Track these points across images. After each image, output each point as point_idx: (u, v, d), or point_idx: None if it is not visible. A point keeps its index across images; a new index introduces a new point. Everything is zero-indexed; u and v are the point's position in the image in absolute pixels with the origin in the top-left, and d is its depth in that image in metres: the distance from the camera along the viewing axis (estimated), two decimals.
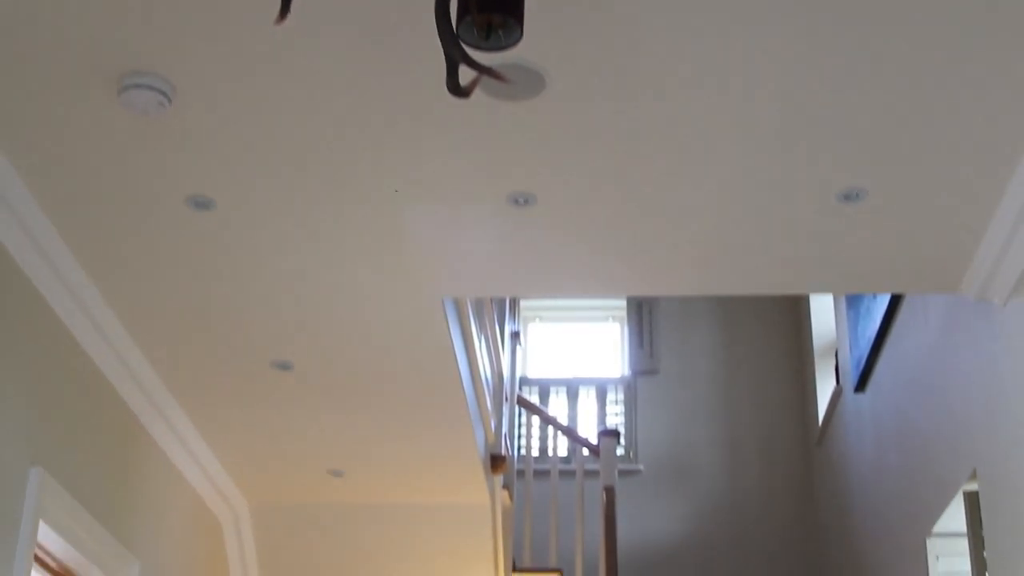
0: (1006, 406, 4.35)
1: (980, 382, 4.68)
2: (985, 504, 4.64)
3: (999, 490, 4.47)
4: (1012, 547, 4.33)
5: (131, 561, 5.19)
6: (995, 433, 4.50)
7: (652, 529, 8.97)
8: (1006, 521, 4.39)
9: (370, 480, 6.13)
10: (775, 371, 9.40)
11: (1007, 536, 4.39)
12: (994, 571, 4.55)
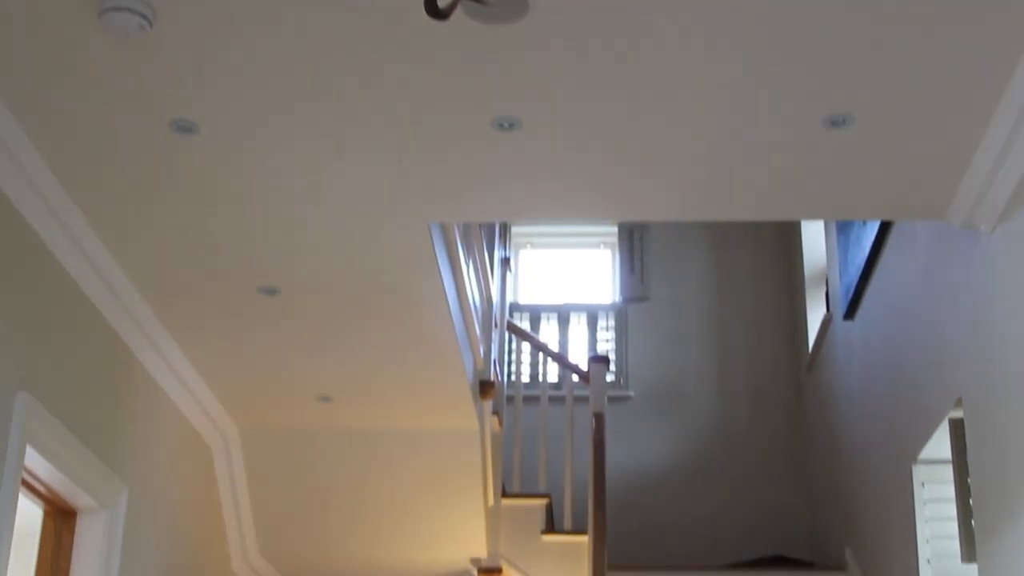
0: (991, 334, 4.36)
1: (966, 310, 4.68)
2: (970, 432, 4.66)
3: (983, 418, 4.49)
4: (995, 474, 4.35)
5: (119, 486, 5.22)
6: (980, 361, 4.51)
7: (642, 455, 9.02)
8: (990, 448, 4.41)
9: (359, 405, 6.15)
10: (766, 298, 9.41)
11: (991, 463, 4.41)
12: (978, 498, 4.57)
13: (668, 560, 8.48)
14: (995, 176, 3.95)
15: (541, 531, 7.08)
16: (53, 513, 5.03)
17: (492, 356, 6.82)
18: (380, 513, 6.83)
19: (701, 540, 8.72)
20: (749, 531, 8.71)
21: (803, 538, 8.61)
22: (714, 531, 8.75)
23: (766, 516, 8.77)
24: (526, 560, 6.99)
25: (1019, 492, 4.11)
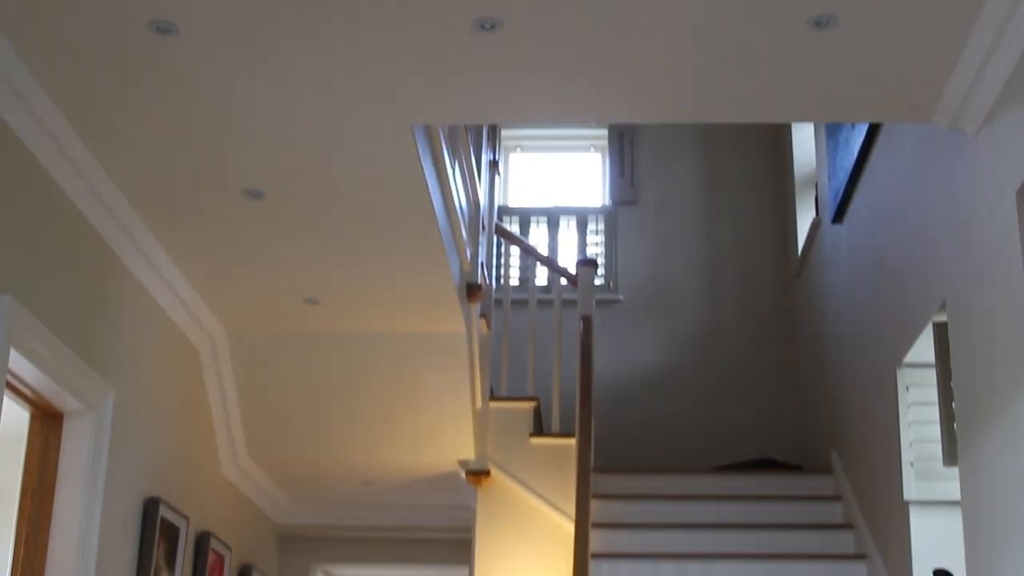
0: (975, 238, 4.36)
1: (951, 214, 4.67)
2: (953, 335, 4.67)
3: (967, 322, 4.50)
4: (978, 378, 4.37)
5: (106, 389, 5.23)
6: (964, 265, 4.51)
7: (631, 358, 9.05)
8: (973, 352, 4.43)
9: (346, 308, 6.16)
10: (756, 202, 9.39)
11: (973, 367, 4.42)
12: (960, 401, 4.60)
13: (656, 464, 8.55)
14: (980, 78, 3.92)
15: (529, 434, 7.12)
16: (40, 416, 5.05)
17: (480, 259, 6.81)
18: (368, 416, 6.87)
19: (689, 444, 8.78)
20: (737, 435, 8.77)
21: (791, 441, 8.67)
22: (702, 435, 8.81)
23: (754, 420, 8.83)
24: (514, 463, 7.04)
25: (1001, 396, 4.13)
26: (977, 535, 4.41)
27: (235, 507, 7.34)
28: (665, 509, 6.76)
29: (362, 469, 7.46)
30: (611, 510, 6.76)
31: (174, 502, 6.14)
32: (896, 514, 5.50)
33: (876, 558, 5.91)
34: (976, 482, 4.42)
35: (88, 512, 5.10)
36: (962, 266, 4.53)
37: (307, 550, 8.65)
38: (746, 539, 6.42)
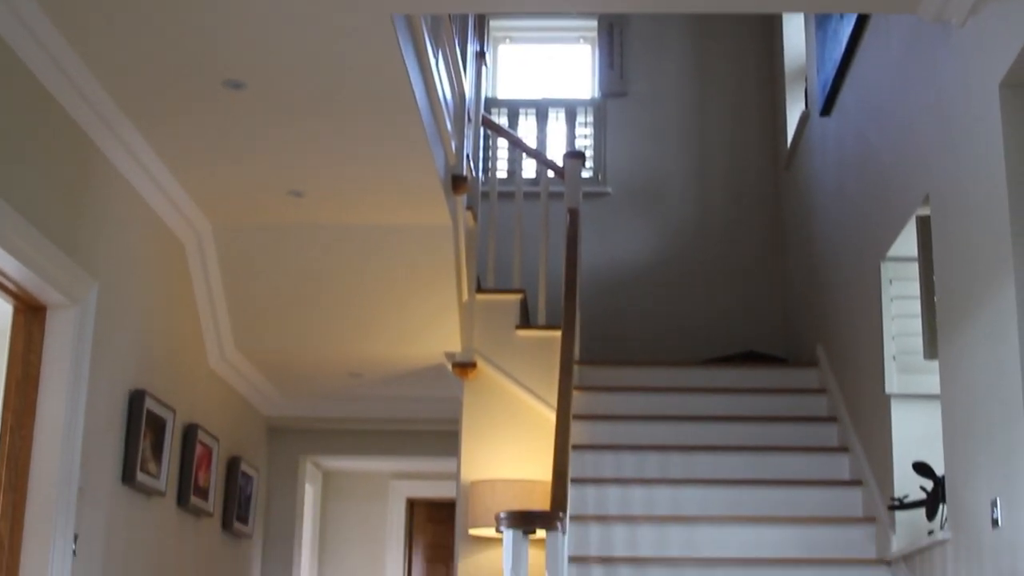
0: (959, 131, 4.33)
1: (936, 107, 4.64)
2: (936, 229, 4.66)
3: (949, 215, 4.49)
4: (959, 272, 4.37)
5: (89, 282, 5.23)
6: (948, 158, 4.49)
7: (619, 251, 9.04)
8: (954, 246, 4.43)
9: (330, 201, 6.13)
10: (746, 94, 9.32)
11: (954, 261, 4.42)
12: (941, 295, 4.60)
13: (642, 356, 8.59)
14: None
15: (515, 326, 7.13)
16: (23, 309, 5.06)
17: (465, 151, 6.77)
18: (354, 307, 6.88)
19: (676, 336, 8.81)
20: (724, 328, 8.80)
21: (778, 335, 8.70)
22: (689, 328, 8.83)
23: (742, 313, 8.85)
24: (500, 354, 7.06)
25: (981, 290, 4.13)
26: (955, 428, 4.44)
27: (223, 400, 7.37)
28: (650, 401, 6.80)
29: (349, 361, 7.49)
30: (596, 402, 6.80)
31: (160, 394, 6.16)
32: (878, 407, 5.54)
33: (858, 451, 5.96)
34: (955, 375, 4.44)
35: (72, 404, 5.12)
36: (946, 159, 4.51)
37: (296, 442, 8.72)
38: (730, 431, 6.47)
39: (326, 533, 9.94)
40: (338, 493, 10.05)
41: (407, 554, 10.02)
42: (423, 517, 10.20)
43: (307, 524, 9.58)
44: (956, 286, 4.41)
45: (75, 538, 5.16)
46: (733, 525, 5.63)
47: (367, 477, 10.06)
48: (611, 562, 5.31)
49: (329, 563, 9.88)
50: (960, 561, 4.38)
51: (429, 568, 10.11)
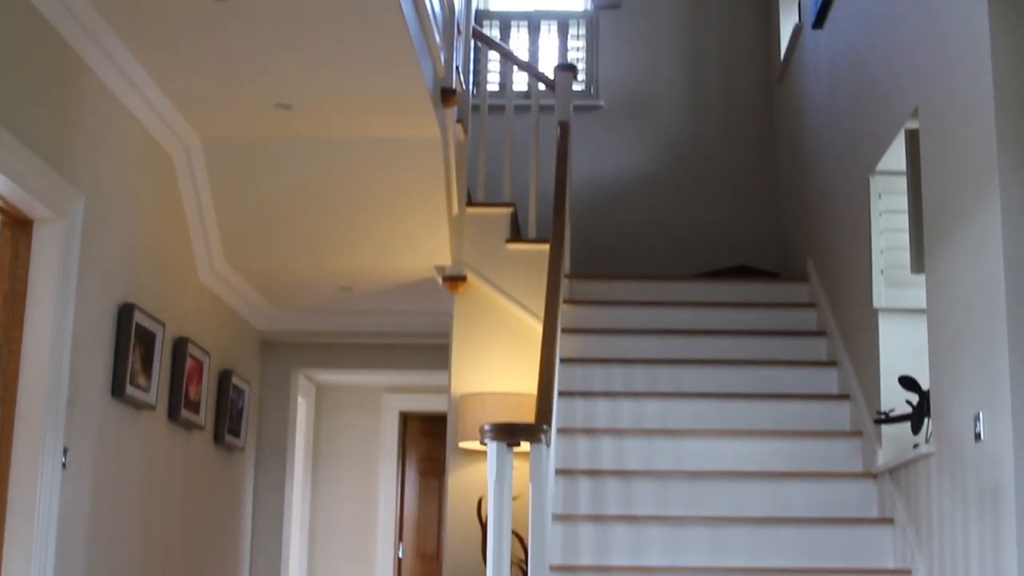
0: (948, 43, 4.29)
1: (925, 19, 4.60)
2: (924, 142, 4.64)
3: (937, 129, 4.47)
4: (946, 185, 4.36)
5: (75, 195, 5.21)
6: (937, 71, 4.45)
7: (611, 164, 9.01)
8: (942, 160, 4.41)
9: (318, 114, 6.09)
10: (740, 6, 9.22)
11: (942, 174, 4.41)
12: (929, 209, 4.59)
13: (633, 270, 8.58)
14: None
15: (505, 240, 7.12)
16: (9, 223, 5.04)
17: (456, 64, 6.71)
18: (344, 221, 6.86)
19: (667, 251, 8.80)
20: (717, 242, 8.79)
21: (770, 249, 8.69)
22: (680, 242, 8.82)
23: (734, 227, 8.83)
24: (490, 268, 7.06)
25: (968, 204, 4.12)
26: (940, 342, 4.45)
27: (213, 313, 7.38)
28: (640, 315, 6.81)
29: (340, 275, 7.49)
30: (586, 316, 6.81)
31: (149, 308, 6.16)
32: (866, 322, 5.54)
33: (847, 365, 5.98)
34: (941, 289, 4.44)
35: (60, 318, 5.13)
36: (935, 72, 4.48)
37: (288, 356, 8.74)
38: (720, 345, 6.48)
39: (319, 447, 10.00)
40: (331, 407, 10.09)
41: (400, 467, 10.09)
42: (416, 431, 10.26)
43: (300, 438, 9.64)
44: (943, 200, 4.40)
45: (64, 451, 5.19)
46: (721, 438, 5.66)
47: (360, 391, 10.10)
48: (598, 475, 5.35)
49: (322, 476, 9.95)
50: (943, 474, 4.41)
51: (422, 481, 10.18)
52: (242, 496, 8.17)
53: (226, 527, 7.78)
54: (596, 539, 5.04)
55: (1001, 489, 3.82)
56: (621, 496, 5.33)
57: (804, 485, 5.38)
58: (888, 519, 5.10)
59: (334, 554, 9.85)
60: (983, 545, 3.98)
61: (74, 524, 5.34)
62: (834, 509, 5.35)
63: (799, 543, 5.07)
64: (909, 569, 4.77)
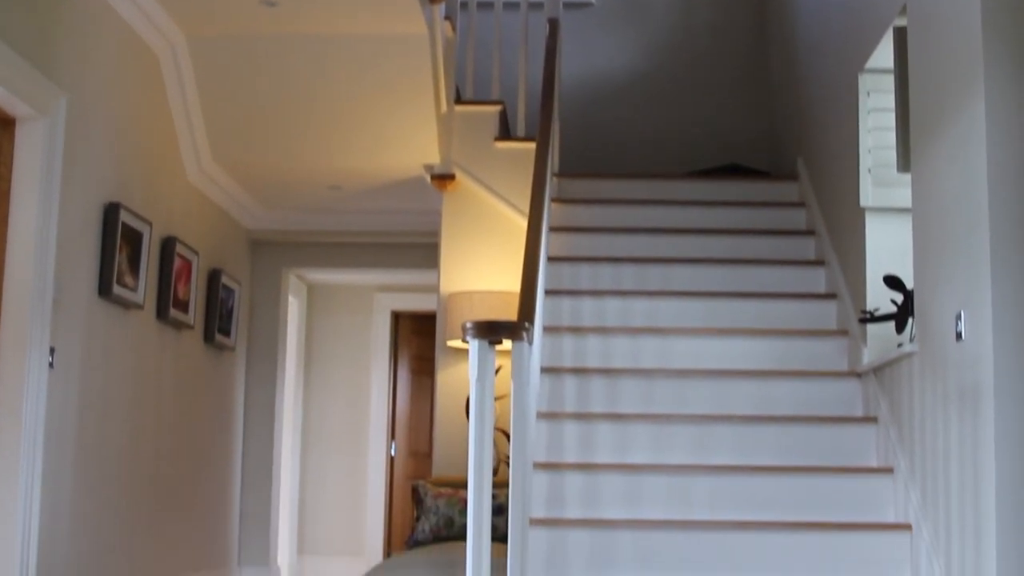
0: None
1: None
2: (912, 40, 4.59)
3: (925, 26, 4.42)
4: (932, 84, 4.32)
5: (58, 93, 5.17)
6: None
7: (603, 63, 8.92)
8: (929, 57, 4.36)
9: (304, 10, 6.02)
10: None
11: (929, 72, 4.37)
12: (915, 107, 4.56)
13: (624, 169, 8.54)
14: None
15: (494, 138, 7.08)
16: None
17: None
18: (331, 119, 6.82)
19: (658, 150, 8.75)
20: (707, 141, 8.74)
21: (761, 148, 8.64)
22: (671, 141, 8.77)
23: (725, 127, 8.78)
24: (478, 166, 7.03)
25: (954, 102, 4.09)
26: (924, 241, 4.44)
27: (202, 213, 7.36)
28: (630, 214, 6.79)
29: (329, 174, 7.45)
30: (575, 214, 6.78)
31: (136, 208, 6.14)
32: (854, 221, 5.53)
33: (834, 264, 5.97)
34: (926, 188, 4.42)
35: (44, 216, 5.11)
36: None
37: (278, 255, 8.74)
38: (709, 244, 6.47)
39: (312, 346, 10.03)
40: (323, 306, 10.11)
41: (392, 366, 10.13)
42: (408, 329, 10.29)
43: (292, 337, 9.67)
44: (929, 98, 4.37)
45: (51, 351, 5.20)
46: (708, 337, 5.66)
47: (352, 290, 10.11)
48: (584, 373, 5.36)
49: (315, 376, 9.99)
50: (925, 373, 4.43)
51: (414, 380, 10.23)
52: (233, 395, 8.22)
53: (217, 426, 7.83)
54: (581, 437, 5.07)
55: (981, 388, 3.83)
56: (606, 394, 5.35)
57: (789, 384, 5.39)
58: (872, 418, 5.12)
59: (326, 453, 9.93)
60: (963, 444, 4.01)
61: (62, 423, 5.37)
62: (819, 408, 5.37)
63: (783, 441, 5.10)
64: (891, 467, 4.81)
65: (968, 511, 3.94)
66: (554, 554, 4.50)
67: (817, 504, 4.80)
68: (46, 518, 5.20)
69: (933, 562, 4.26)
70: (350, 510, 9.88)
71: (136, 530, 6.33)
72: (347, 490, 9.91)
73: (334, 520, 9.87)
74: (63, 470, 5.39)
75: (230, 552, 8.11)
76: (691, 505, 4.78)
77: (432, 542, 5.84)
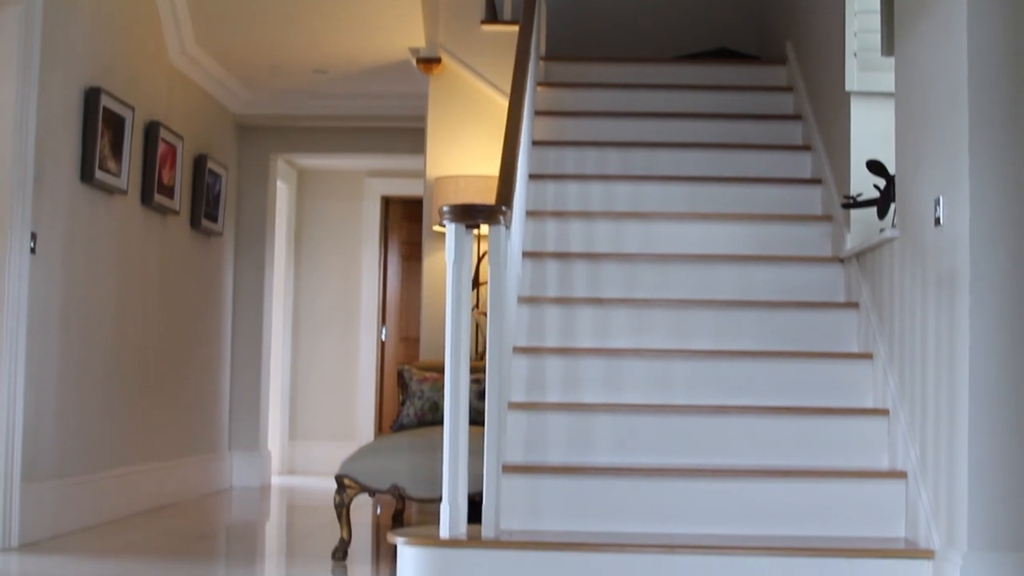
0: None
1: None
2: None
3: None
4: None
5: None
6: None
7: None
8: None
9: None
10: None
11: None
12: None
13: (614, 53, 8.46)
14: None
15: (480, 21, 7.00)
16: None
17: None
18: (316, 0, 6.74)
19: (648, 34, 8.65)
20: (697, 25, 8.63)
21: (750, 33, 8.55)
22: (662, 24, 8.66)
23: (715, 10, 8.66)
24: (465, 50, 6.96)
25: None
26: (906, 126, 4.41)
27: (187, 97, 7.30)
28: (617, 97, 6.73)
29: (314, 56, 7.38)
30: (561, 98, 6.73)
31: (118, 92, 6.09)
32: (839, 105, 5.48)
33: (820, 149, 5.94)
34: (908, 72, 4.38)
35: (23, 102, 5.08)
36: None
37: (266, 140, 8.68)
38: (696, 129, 6.43)
39: (302, 232, 10.02)
40: (313, 192, 10.08)
41: (382, 252, 10.13)
42: (398, 215, 10.27)
43: (281, 223, 9.65)
44: None
45: (33, 236, 5.19)
46: (691, 222, 5.64)
47: (342, 175, 10.07)
48: (567, 258, 5.35)
49: (305, 262, 9.99)
50: (905, 259, 4.42)
51: (404, 265, 10.23)
52: (222, 281, 8.22)
53: (206, 312, 7.85)
54: (562, 322, 5.08)
55: (957, 274, 3.83)
56: (589, 279, 5.35)
57: (772, 269, 5.38)
58: (853, 304, 5.13)
59: (317, 339, 9.96)
60: (939, 330, 4.02)
61: (46, 308, 5.38)
62: (801, 294, 5.38)
63: (764, 326, 5.10)
64: (871, 353, 4.82)
65: (943, 397, 3.96)
66: (533, 438, 4.53)
67: (797, 389, 4.82)
68: (31, 406, 5.23)
69: (909, 447, 4.29)
70: (341, 395, 9.95)
71: (124, 417, 6.37)
72: (338, 375, 9.97)
73: (325, 405, 9.95)
74: (48, 357, 5.41)
75: (220, 437, 8.18)
76: (671, 389, 4.81)
77: (417, 426, 5.88)
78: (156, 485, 6.80)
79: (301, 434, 9.93)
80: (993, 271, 3.74)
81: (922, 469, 4.16)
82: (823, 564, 3.91)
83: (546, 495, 4.26)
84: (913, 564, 3.91)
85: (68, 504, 5.60)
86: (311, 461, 9.87)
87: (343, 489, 4.99)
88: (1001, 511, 3.70)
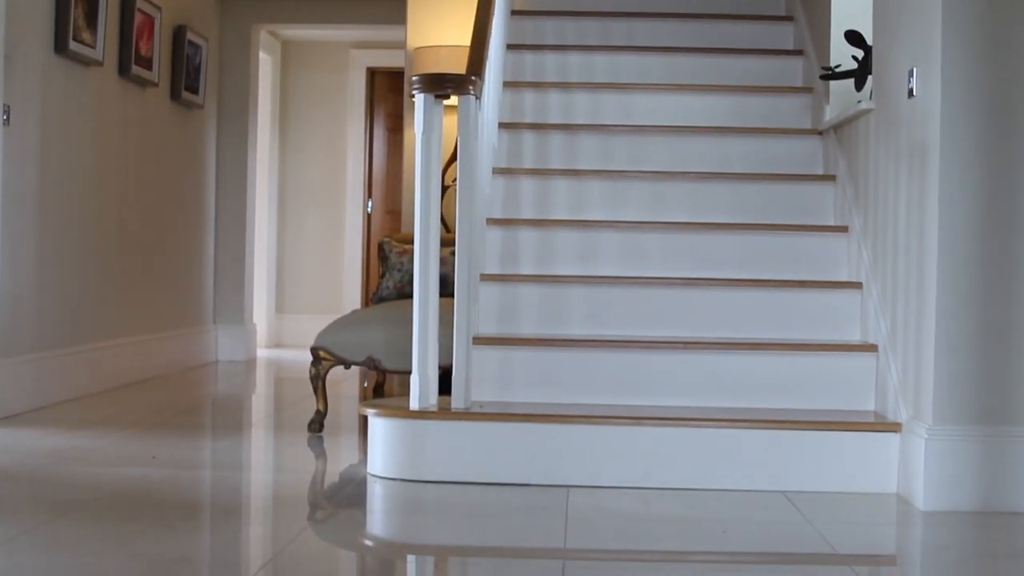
0: None
1: None
2: None
3: None
4: None
5: None
6: None
7: None
8: None
9: None
10: None
11: None
12: None
13: None
14: None
15: None
16: None
17: None
18: None
19: None
20: None
21: None
22: None
23: None
24: None
25: None
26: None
27: None
28: None
29: None
30: None
31: None
32: None
33: (802, 19, 5.87)
34: None
35: None
36: None
37: (247, 10, 8.56)
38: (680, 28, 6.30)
39: (287, 104, 9.95)
40: (298, 64, 9.98)
41: (368, 125, 10.07)
42: (384, 87, 10.19)
43: (265, 95, 9.57)
44: None
45: (6, 108, 5.15)
46: (669, 93, 5.60)
47: (327, 47, 9.97)
48: (543, 129, 5.32)
49: (290, 135, 9.93)
50: (880, 131, 4.39)
51: (390, 137, 10.17)
52: (204, 154, 8.16)
53: (187, 185, 7.81)
54: (538, 193, 5.06)
55: (928, 147, 3.81)
56: (565, 151, 5.32)
57: (750, 141, 5.36)
58: (830, 176, 5.11)
59: (303, 212, 9.95)
60: (910, 203, 4.00)
61: (22, 181, 5.35)
62: (779, 166, 5.35)
63: (740, 199, 5.09)
64: (847, 226, 4.81)
65: (913, 270, 3.96)
66: (506, 310, 4.54)
67: (772, 262, 4.82)
68: (7, 279, 5.23)
69: (880, 320, 4.30)
70: (327, 268, 9.96)
71: (104, 291, 6.37)
72: (324, 248, 9.97)
73: (311, 278, 9.96)
74: (25, 230, 5.39)
75: (205, 311, 8.20)
76: (645, 261, 4.80)
77: (397, 298, 5.89)
78: (140, 359, 6.84)
79: (288, 307, 9.97)
80: (964, 143, 3.71)
81: (892, 343, 4.17)
82: (791, 436, 3.94)
83: (518, 367, 4.28)
84: (880, 437, 3.94)
85: (48, 378, 5.63)
86: (298, 334, 9.92)
87: (319, 361, 5.01)
88: (966, 385, 3.72)
